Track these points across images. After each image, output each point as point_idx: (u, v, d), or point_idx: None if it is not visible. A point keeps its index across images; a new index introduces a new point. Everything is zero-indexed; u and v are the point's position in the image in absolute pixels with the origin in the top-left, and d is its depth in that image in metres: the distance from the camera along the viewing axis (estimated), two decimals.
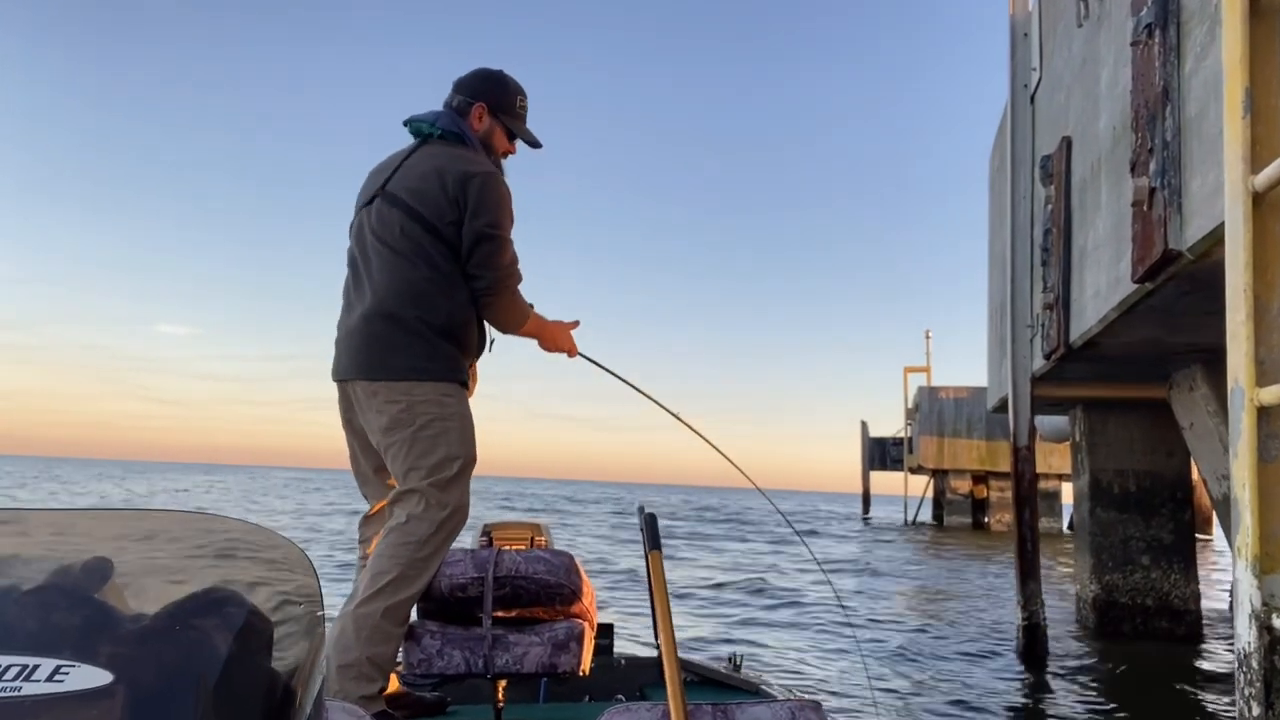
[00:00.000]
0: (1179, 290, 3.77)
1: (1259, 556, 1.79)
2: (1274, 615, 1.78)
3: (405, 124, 2.78)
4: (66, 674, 0.60)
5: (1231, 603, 6.05)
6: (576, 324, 2.88)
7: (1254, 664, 1.81)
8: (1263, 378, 1.87)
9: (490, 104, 2.76)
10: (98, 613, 0.66)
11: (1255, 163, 1.90)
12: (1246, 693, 1.85)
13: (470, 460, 2.59)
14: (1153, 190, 3.53)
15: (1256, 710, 1.82)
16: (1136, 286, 3.90)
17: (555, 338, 2.82)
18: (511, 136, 2.83)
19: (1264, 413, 1.86)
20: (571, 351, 2.87)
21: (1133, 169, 3.79)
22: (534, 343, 2.82)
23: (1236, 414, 1.86)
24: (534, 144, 2.89)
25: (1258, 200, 1.84)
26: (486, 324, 2.72)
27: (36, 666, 0.60)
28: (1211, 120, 3.09)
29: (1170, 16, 3.46)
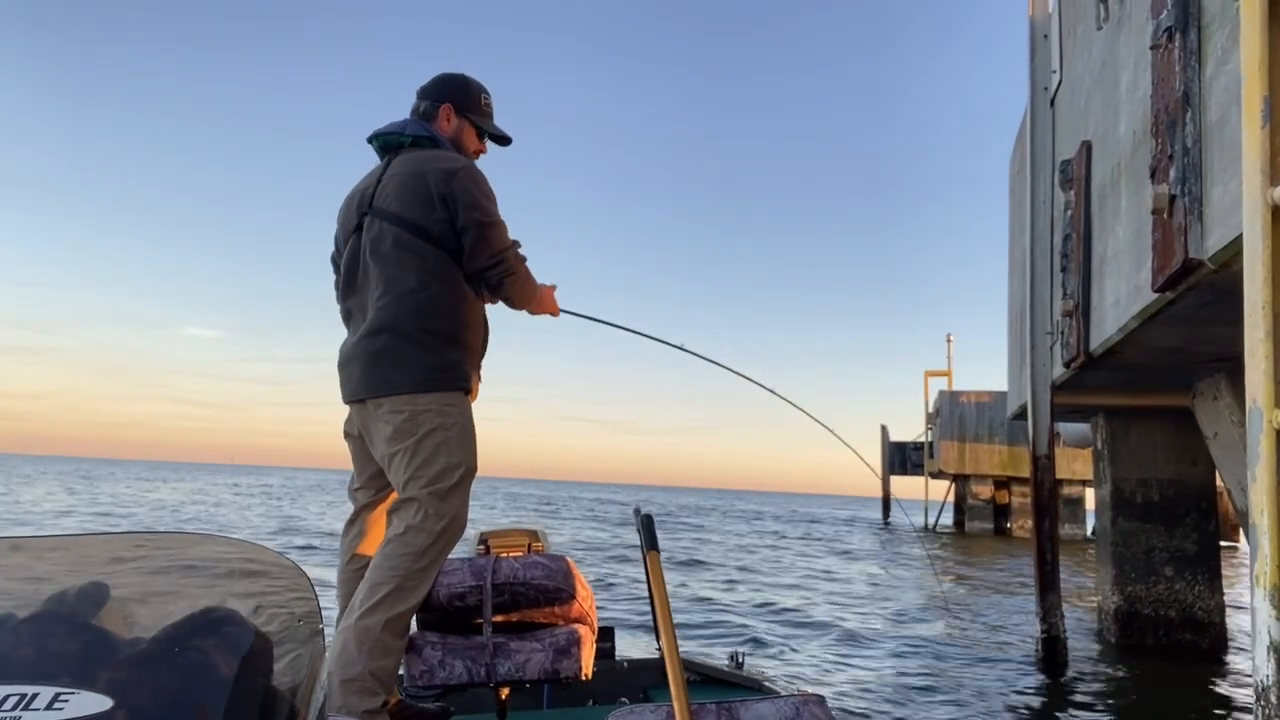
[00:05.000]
0: (1200, 300, 3.67)
1: (1278, 586, 1.71)
2: None
3: (370, 140, 2.78)
4: (66, 701, 0.59)
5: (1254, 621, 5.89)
6: (554, 287, 2.92)
7: (1273, 698, 1.74)
8: None
9: (456, 104, 2.78)
10: (95, 638, 0.65)
11: (1275, 175, 1.82)
12: None
13: (471, 470, 2.57)
14: (1173, 198, 3.45)
15: None
16: (1157, 295, 3.81)
17: (545, 302, 2.86)
18: (481, 135, 2.85)
19: None
20: (555, 311, 2.92)
21: (1152, 175, 3.70)
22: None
23: (1255, 436, 1.79)
24: (504, 139, 2.91)
25: (1278, 213, 1.76)
26: (490, 321, 2.74)
27: (35, 695, 0.59)
28: (1233, 126, 3.00)
29: (1190, 20, 3.37)
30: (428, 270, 2.54)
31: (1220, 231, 3.08)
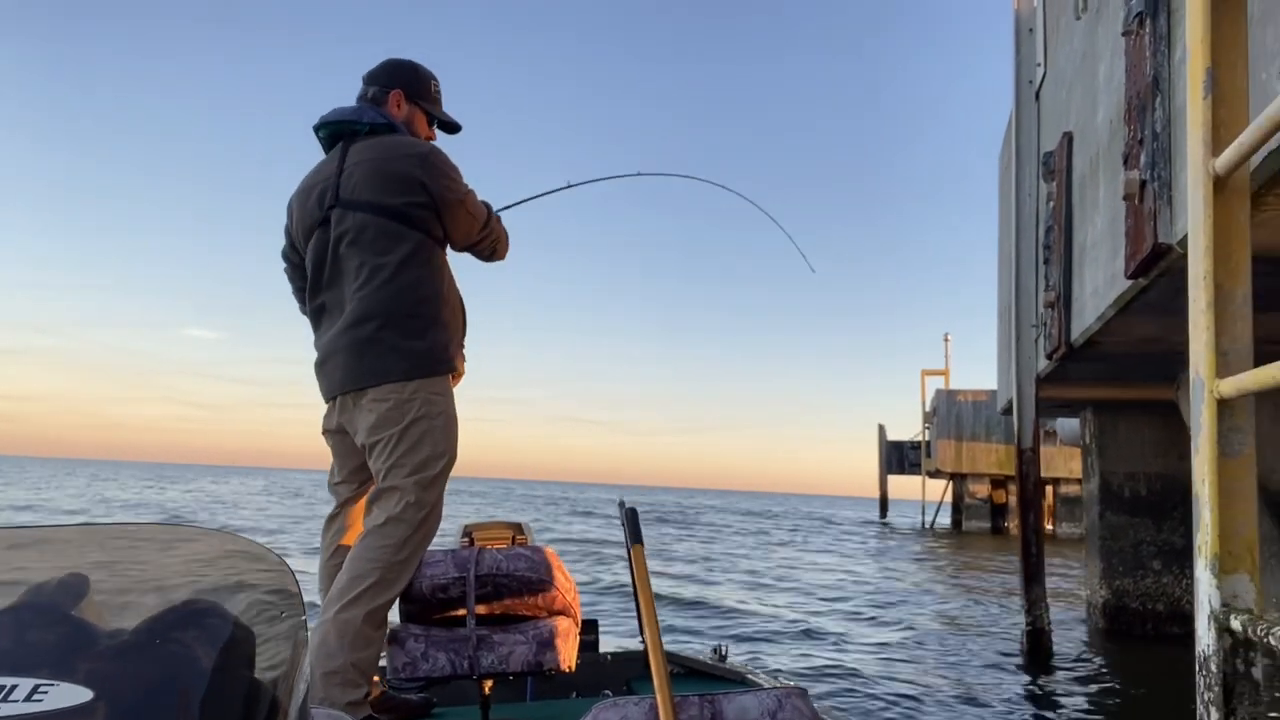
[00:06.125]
0: (1173, 286, 3.68)
1: (1218, 555, 1.72)
2: (1233, 616, 1.71)
3: (318, 128, 2.71)
4: (45, 693, 0.59)
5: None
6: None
7: (1213, 667, 1.74)
8: (1224, 369, 1.79)
9: (406, 90, 2.75)
10: (75, 629, 0.65)
11: (1217, 146, 1.82)
12: (1206, 697, 1.78)
13: (453, 459, 2.57)
14: (1143, 183, 3.45)
15: (1216, 716, 1.75)
16: (1131, 283, 3.81)
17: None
18: (431, 121, 2.83)
19: (1225, 405, 1.78)
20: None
21: (1125, 162, 3.71)
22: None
23: (1197, 407, 1.79)
24: (453, 126, 2.89)
25: (1219, 185, 1.77)
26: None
27: (14, 686, 0.59)
28: None
29: (1160, 4, 3.38)
30: (409, 255, 2.53)
31: (1187, 216, 3.09)
